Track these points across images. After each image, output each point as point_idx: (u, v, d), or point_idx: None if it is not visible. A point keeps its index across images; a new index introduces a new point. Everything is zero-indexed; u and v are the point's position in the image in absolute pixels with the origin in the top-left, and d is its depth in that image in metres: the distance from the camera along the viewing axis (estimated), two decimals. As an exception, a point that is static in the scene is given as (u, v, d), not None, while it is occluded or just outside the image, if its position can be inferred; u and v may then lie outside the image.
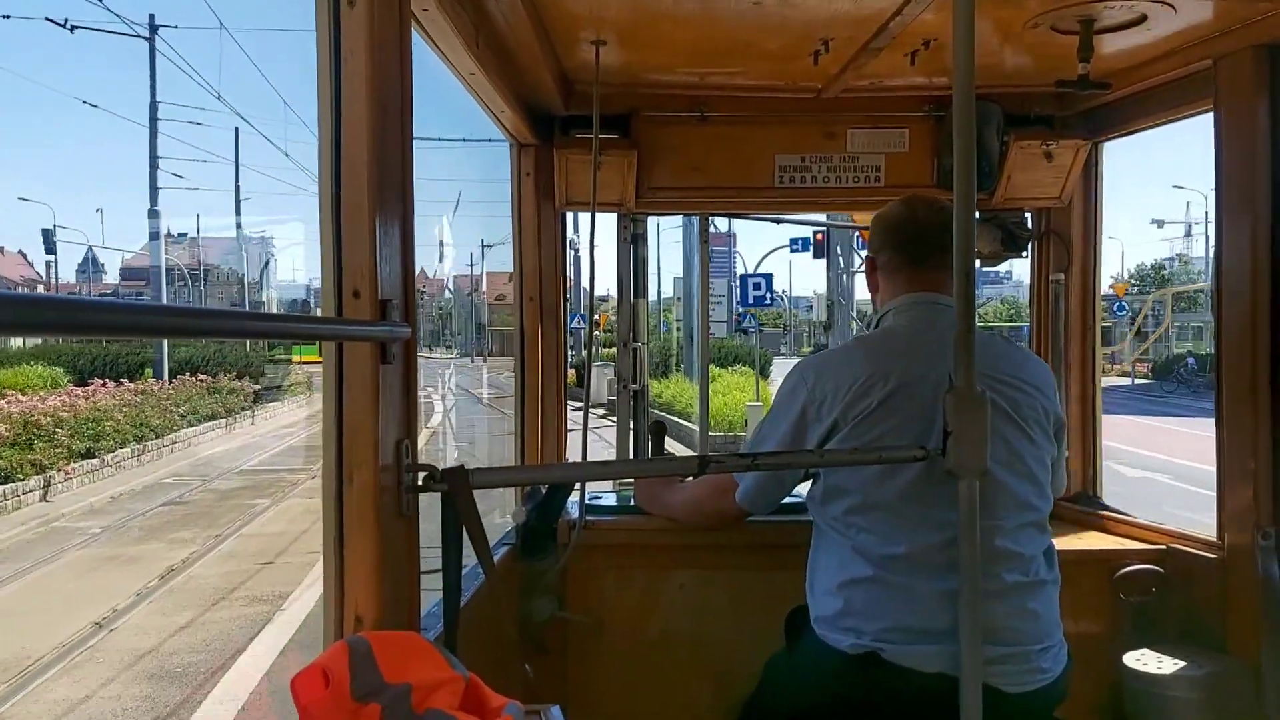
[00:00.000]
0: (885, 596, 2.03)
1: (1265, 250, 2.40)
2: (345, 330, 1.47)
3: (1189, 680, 2.45)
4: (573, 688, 2.83)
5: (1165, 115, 2.83)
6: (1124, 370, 43.37)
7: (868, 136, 3.05)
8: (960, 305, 1.73)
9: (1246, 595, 2.43)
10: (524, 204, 3.04)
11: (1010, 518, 2.07)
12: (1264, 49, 2.37)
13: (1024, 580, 2.07)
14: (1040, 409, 2.17)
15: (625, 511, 2.99)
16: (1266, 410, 2.41)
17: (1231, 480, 2.51)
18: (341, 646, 1.27)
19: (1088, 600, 2.71)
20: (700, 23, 2.38)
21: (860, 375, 2.12)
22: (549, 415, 3.08)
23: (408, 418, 1.56)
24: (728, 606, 2.86)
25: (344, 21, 1.44)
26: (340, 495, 1.46)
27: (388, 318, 1.47)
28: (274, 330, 1.43)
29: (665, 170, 3.05)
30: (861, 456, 2.07)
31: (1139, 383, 38.89)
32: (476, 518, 1.63)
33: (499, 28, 2.28)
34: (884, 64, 2.64)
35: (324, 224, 1.46)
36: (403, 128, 1.56)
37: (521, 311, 3.06)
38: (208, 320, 1.07)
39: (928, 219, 2.28)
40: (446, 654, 1.35)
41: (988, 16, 2.33)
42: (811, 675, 2.14)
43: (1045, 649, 2.06)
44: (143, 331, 0.88)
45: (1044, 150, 2.94)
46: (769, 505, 2.37)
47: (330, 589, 1.47)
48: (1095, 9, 2.27)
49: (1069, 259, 3.14)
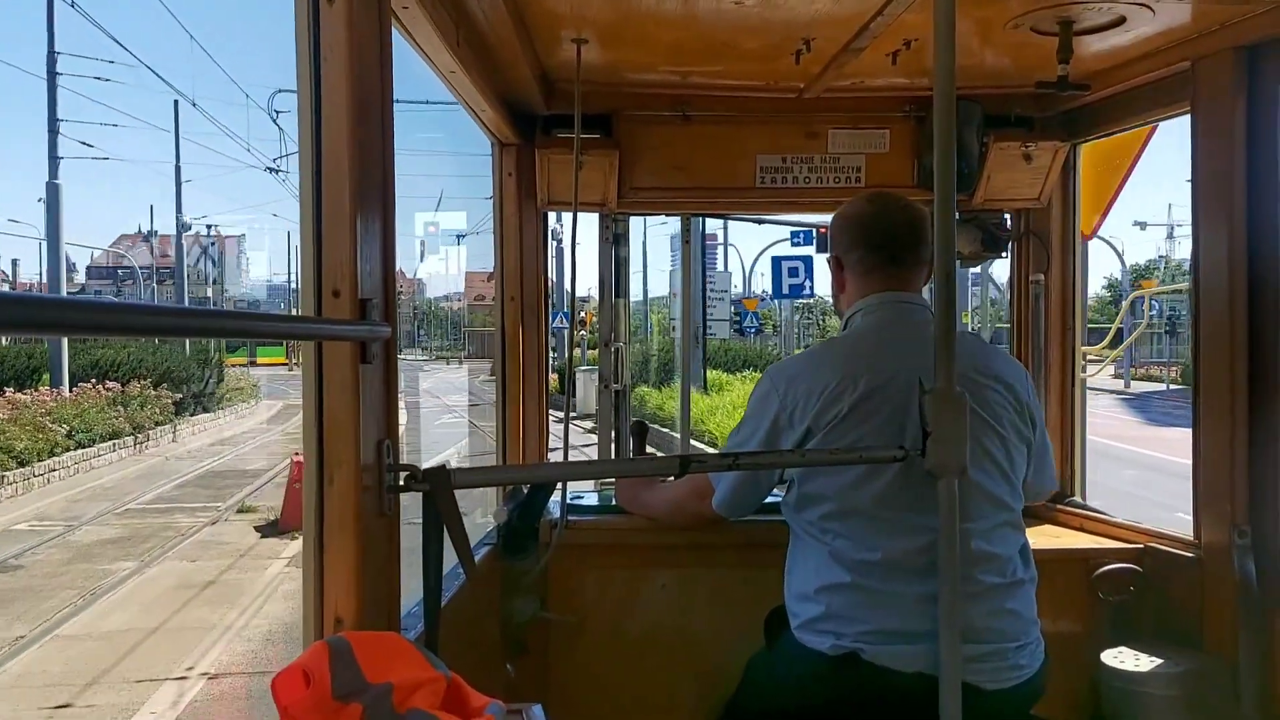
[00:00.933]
0: (863, 601, 2.04)
1: (1241, 251, 2.42)
2: (325, 329, 1.46)
3: (1166, 678, 2.47)
4: (554, 687, 2.83)
5: (1144, 117, 2.85)
6: (1148, 374, 42.85)
7: (849, 137, 3.06)
8: (940, 306, 1.73)
9: (1223, 593, 2.45)
10: (506, 203, 3.04)
11: (985, 519, 2.08)
12: (1242, 51, 2.39)
13: (1001, 582, 2.07)
14: (1011, 405, 2.17)
15: (607, 511, 2.99)
16: (1243, 410, 2.42)
17: (1208, 480, 2.53)
18: (322, 646, 1.27)
19: (1067, 599, 2.72)
20: (682, 22, 2.38)
21: (831, 380, 2.10)
22: (530, 415, 3.08)
23: (388, 417, 1.55)
24: (709, 606, 2.86)
25: (323, 19, 1.43)
26: (321, 495, 1.45)
27: (368, 317, 1.47)
28: (252, 330, 1.42)
29: (647, 170, 3.05)
30: (844, 456, 2.07)
31: (1170, 388, 37.58)
32: (458, 518, 1.62)
33: (480, 26, 2.27)
34: (865, 64, 2.64)
35: (304, 223, 1.46)
36: (383, 126, 1.55)
37: (503, 311, 3.05)
38: (182, 319, 1.06)
39: (899, 217, 2.27)
40: (428, 654, 1.34)
41: (968, 17, 2.34)
42: (792, 676, 2.15)
43: (1022, 646, 2.07)
44: (106, 330, 0.87)
45: (1023, 151, 2.96)
46: (745, 510, 2.37)
47: (310, 589, 1.47)
48: (1074, 10, 2.28)
49: (1048, 260, 3.15)
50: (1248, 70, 2.40)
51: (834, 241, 2.38)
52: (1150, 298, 34.48)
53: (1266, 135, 2.39)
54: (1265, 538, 2.41)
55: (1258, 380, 2.41)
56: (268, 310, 56.29)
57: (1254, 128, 2.40)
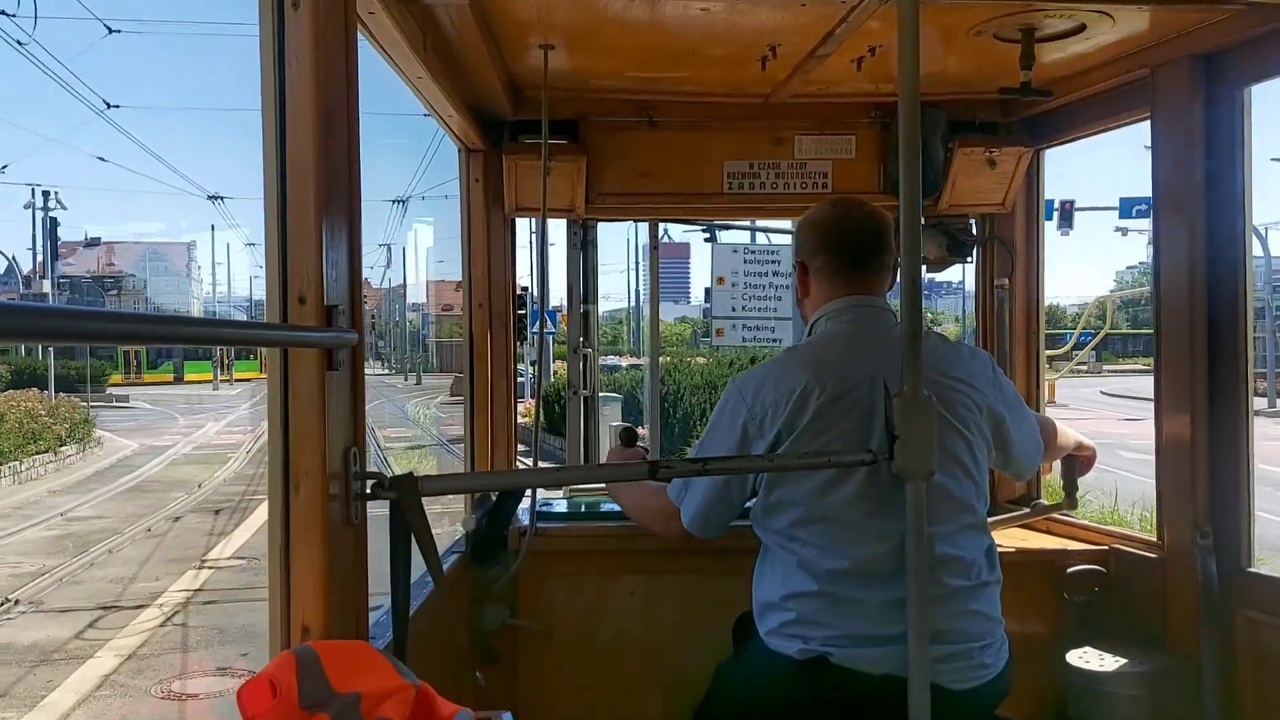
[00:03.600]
0: (831, 607, 2.04)
1: (1201, 254, 2.45)
2: (291, 336, 1.45)
3: (1130, 677, 2.50)
4: (523, 695, 2.82)
5: (1105, 123, 2.89)
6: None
7: (815, 143, 3.08)
8: (907, 310, 1.74)
9: (1186, 594, 2.48)
10: (473, 210, 3.03)
11: (949, 522, 2.09)
12: (1200, 59, 2.43)
13: (966, 584, 2.09)
14: (974, 405, 2.18)
15: (576, 518, 2.98)
16: (1203, 413, 2.46)
17: (1170, 482, 2.56)
18: (288, 656, 1.25)
19: (1033, 600, 2.75)
20: (648, 28, 2.39)
21: (798, 385, 2.11)
22: (499, 421, 3.07)
23: (355, 425, 1.54)
24: (678, 612, 2.86)
25: (288, 23, 1.42)
26: (286, 503, 1.44)
27: (334, 324, 1.46)
28: (215, 337, 1.40)
29: (615, 176, 3.05)
30: (811, 461, 2.08)
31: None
32: (426, 526, 1.61)
33: (446, 31, 2.27)
34: (831, 71, 2.66)
35: (269, 229, 1.44)
36: (349, 131, 1.54)
37: (471, 318, 3.04)
38: (143, 325, 1.05)
39: (863, 221, 2.28)
40: (396, 662, 1.33)
41: (932, 24, 2.36)
42: (761, 680, 2.15)
43: (987, 646, 2.09)
44: (61, 337, 0.85)
45: (987, 157, 2.99)
46: (719, 527, 2.29)
47: (276, 598, 1.45)
48: (1036, 18, 2.31)
49: (1013, 265, 3.19)
50: (1205, 77, 2.44)
51: (798, 247, 2.39)
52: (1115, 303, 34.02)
53: (1224, 141, 2.43)
54: (1227, 539, 2.44)
55: (1217, 383, 2.45)
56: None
57: (1212, 134, 2.44)
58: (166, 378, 53.62)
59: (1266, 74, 2.38)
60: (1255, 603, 2.39)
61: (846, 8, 2.20)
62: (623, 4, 2.22)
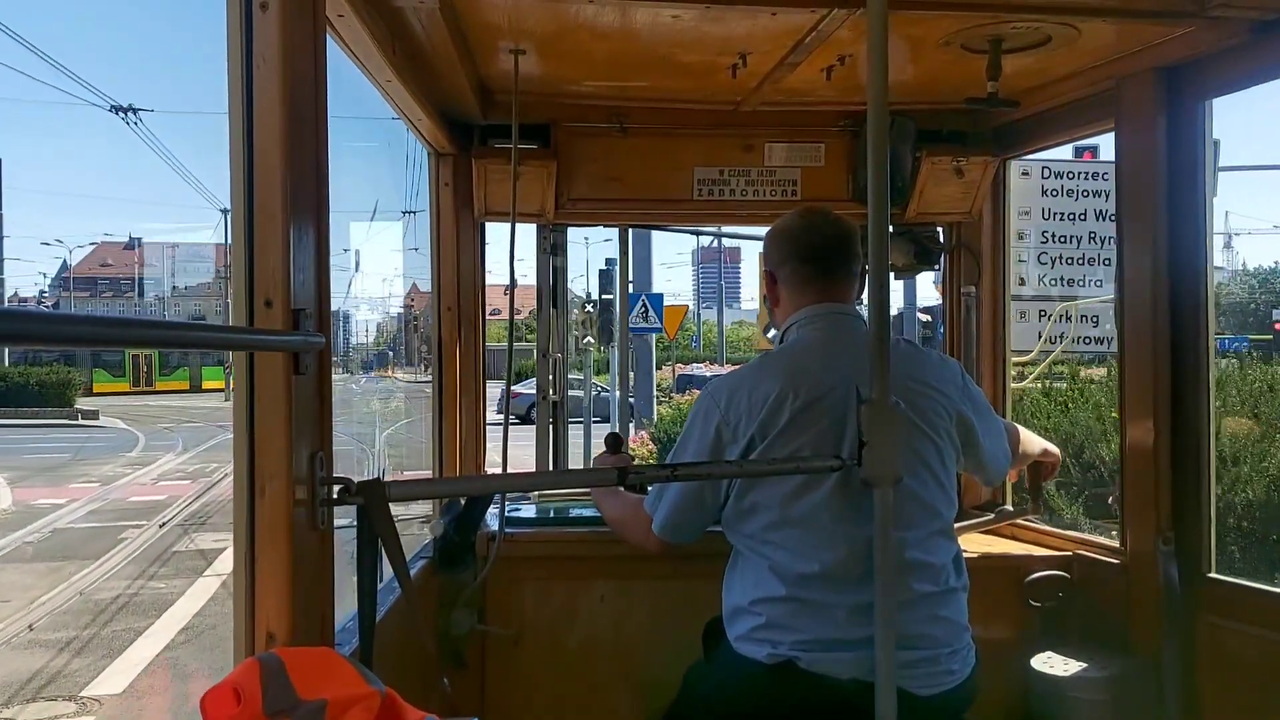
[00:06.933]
0: (800, 612, 2.05)
1: (1163, 264, 2.49)
2: (257, 340, 1.44)
3: (1093, 681, 2.52)
4: (492, 701, 2.81)
5: (1070, 134, 2.93)
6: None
7: (785, 150, 3.09)
8: (874, 317, 1.75)
9: (1148, 599, 2.51)
10: (443, 214, 3.02)
11: (919, 527, 2.10)
12: (1163, 71, 2.47)
13: (934, 590, 2.10)
14: (944, 411, 2.20)
15: (545, 524, 2.97)
16: (1166, 420, 2.49)
17: (1133, 489, 2.59)
18: (252, 663, 1.24)
19: (998, 606, 2.77)
20: (619, 35, 2.39)
21: (771, 391, 2.12)
22: (467, 425, 3.05)
23: (321, 429, 1.53)
24: (647, 616, 2.86)
25: (256, 25, 1.41)
26: (252, 508, 1.42)
27: (301, 327, 1.45)
28: (179, 339, 1.39)
29: (585, 181, 3.05)
30: (781, 467, 2.09)
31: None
32: (393, 531, 1.60)
33: (416, 35, 2.26)
34: (801, 79, 2.68)
35: (236, 231, 1.43)
36: (317, 134, 1.53)
37: (439, 321, 3.03)
38: (109, 329, 1.03)
39: (830, 230, 2.30)
40: (362, 669, 1.32)
41: (901, 34, 2.38)
42: (730, 684, 2.15)
43: (954, 652, 2.10)
44: (31, 340, 0.84)
45: (955, 166, 3.02)
46: (692, 533, 2.29)
47: (240, 604, 1.44)
48: (1003, 29, 2.33)
49: (979, 272, 3.22)
50: (1168, 90, 2.47)
51: (767, 256, 2.41)
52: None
53: (1186, 152, 2.46)
54: (1188, 545, 2.47)
55: (1180, 392, 2.48)
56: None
57: (1174, 145, 2.47)
58: (182, 385, 48.80)
59: (1228, 88, 2.42)
60: (1216, 608, 2.43)
61: (816, 17, 2.21)
62: (594, 10, 2.22)
